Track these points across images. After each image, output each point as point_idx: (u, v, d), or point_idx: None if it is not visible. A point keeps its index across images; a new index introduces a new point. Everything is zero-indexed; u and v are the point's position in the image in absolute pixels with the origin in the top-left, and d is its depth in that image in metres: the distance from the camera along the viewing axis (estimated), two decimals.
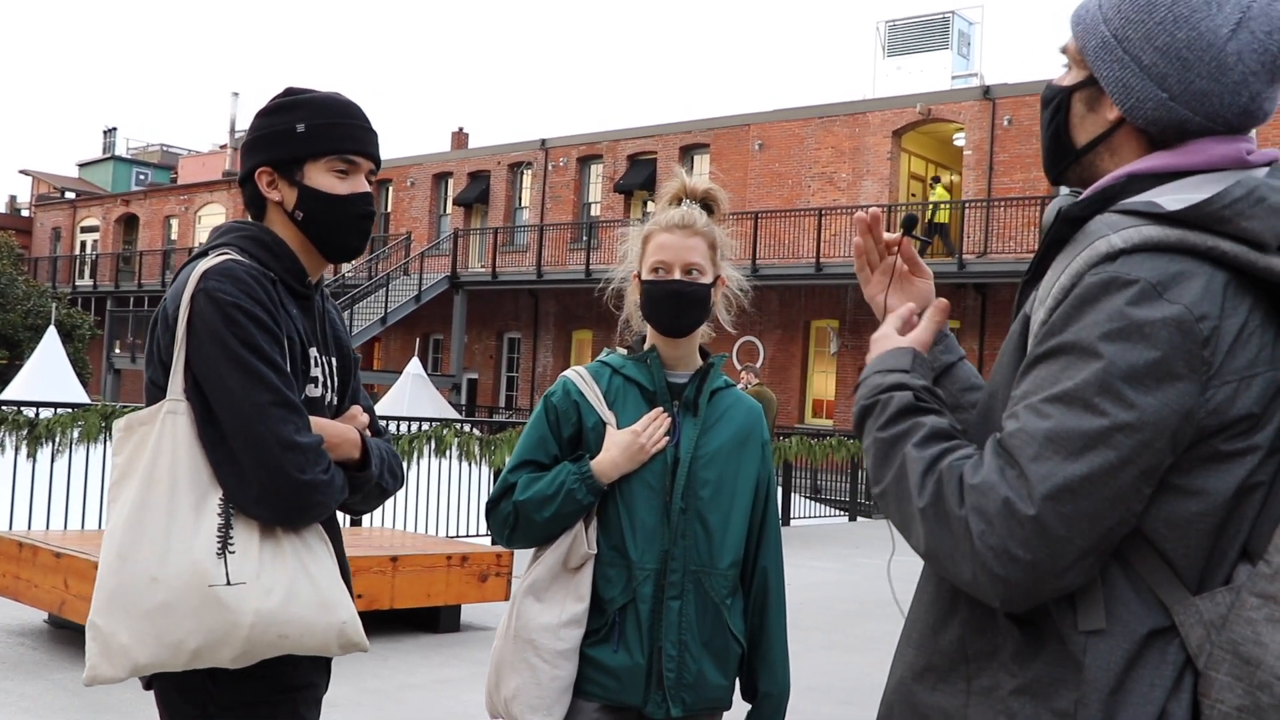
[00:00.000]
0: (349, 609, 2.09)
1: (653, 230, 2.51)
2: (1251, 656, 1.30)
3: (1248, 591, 1.33)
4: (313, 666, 2.16)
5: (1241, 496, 1.35)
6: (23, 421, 9.05)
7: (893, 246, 1.83)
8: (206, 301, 2.00)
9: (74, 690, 5.64)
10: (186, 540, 1.96)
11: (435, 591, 7.18)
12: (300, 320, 2.16)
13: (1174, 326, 1.30)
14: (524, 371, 32.05)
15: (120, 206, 45.89)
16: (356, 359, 2.40)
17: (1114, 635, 1.35)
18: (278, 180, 2.18)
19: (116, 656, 1.97)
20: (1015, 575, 1.31)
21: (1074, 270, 1.38)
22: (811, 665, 6.57)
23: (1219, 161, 1.44)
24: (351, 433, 2.18)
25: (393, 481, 2.27)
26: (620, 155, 30.63)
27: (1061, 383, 1.34)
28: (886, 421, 1.50)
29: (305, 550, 2.05)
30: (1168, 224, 1.37)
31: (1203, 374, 1.31)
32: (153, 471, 2.00)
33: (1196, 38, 1.41)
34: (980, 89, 24.96)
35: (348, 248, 2.23)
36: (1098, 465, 1.30)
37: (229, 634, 1.94)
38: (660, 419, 2.44)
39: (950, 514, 1.36)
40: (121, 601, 1.96)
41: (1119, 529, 1.33)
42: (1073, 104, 1.54)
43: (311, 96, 2.20)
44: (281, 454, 1.96)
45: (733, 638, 2.46)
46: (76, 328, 32.01)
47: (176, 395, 2.02)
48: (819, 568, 11.26)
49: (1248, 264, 1.34)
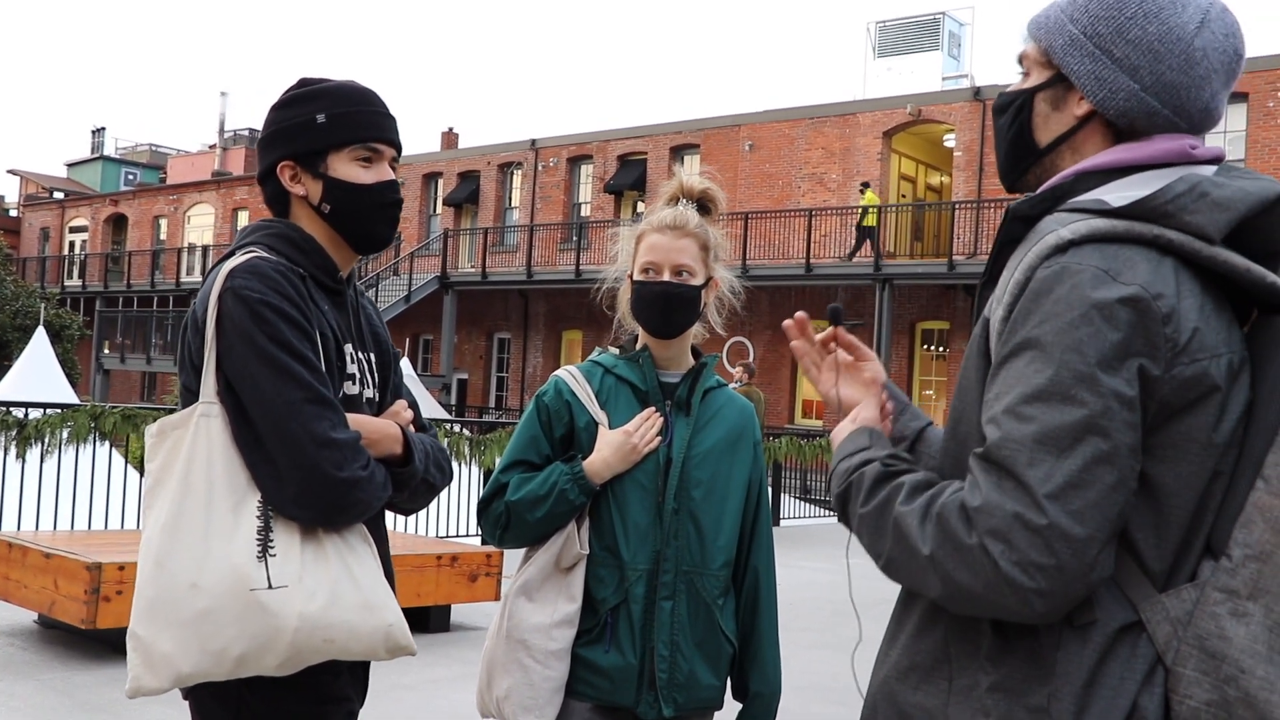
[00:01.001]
0: (395, 611, 2.02)
1: (645, 230, 2.51)
2: (1217, 651, 1.32)
3: (1211, 587, 1.34)
4: (351, 679, 2.11)
5: (1206, 487, 1.37)
6: (12, 422, 9.02)
7: (829, 343, 1.83)
8: (234, 300, 1.95)
9: (64, 690, 5.63)
10: (225, 544, 1.90)
11: (425, 591, 7.17)
12: (333, 316, 2.11)
13: (1131, 306, 1.33)
14: (514, 372, 32.03)
15: (109, 206, 45.75)
16: (397, 354, 2.33)
17: (1086, 630, 1.36)
18: (300, 173, 2.12)
19: (159, 666, 1.91)
20: (1046, 584, 1.31)
21: (1027, 264, 1.41)
22: (802, 665, 6.58)
23: (1164, 155, 1.48)
24: (392, 428, 2.12)
25: (440, 477, 2.19)
26: (610, 155, 30.63)
27: (1034, 380, 1.35)
28: (866, 496, 1.50)
29: (348, 551, 1.99)
30: (1114, 217, 1.40)
31: (1167, 350, 1.33)
32: (188, 476, 1.94)
33: (1166, 32, 1.46)
34: (971, 90, 25.02)
35: (378, 238, 2.17)
36: (1090, 455, 1.31)
37: (273, 639, 1.88)
38: (653, 419, 2.44)
39: (963, 546, 1.35)
40: (162, 610, 1.90)
41: (1125, 510, 1.34)
42: (1036, 104, 1.57)
43: (329, 85, 2.14)
44: (317, 451, 1.91)
45: (724, 638, 2.46)
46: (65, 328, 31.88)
47: (209, 398, 1.96)
48: (809, 568, 11.28)
49: (1192, 252, 1.38)
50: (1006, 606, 1.34)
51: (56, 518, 8.98)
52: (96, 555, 6.02)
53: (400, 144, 2.19)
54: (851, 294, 25.43)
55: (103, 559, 5.91)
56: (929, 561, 1.38)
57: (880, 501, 1.48)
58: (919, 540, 1.39)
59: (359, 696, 2.16)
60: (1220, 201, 1.39)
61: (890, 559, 1.46)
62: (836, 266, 24.08)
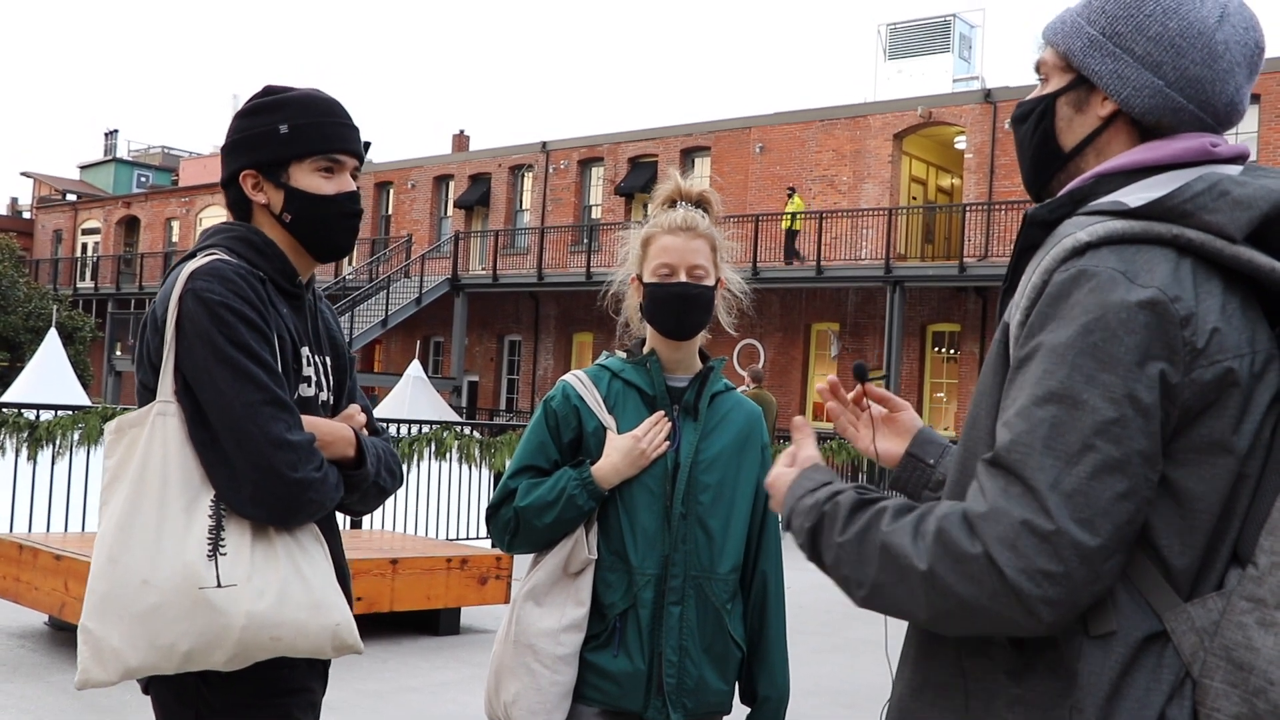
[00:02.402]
0: (343, 611, 2.07)
1: (654, 233, 2.50)
2: (1244, 662, 1.28)
3: (1238, 595, 1.31)
4: (309, 670, 2.15)
5: (1232, 493, 1.34)
6: (23, 424, 9.05)
7: (861, 400, 1.85)
8: (195, 301, 1.99)
9: (73, 693, 5.64)
10: (178, 542, 1.95)
11: (435, 594, 7.17)
12: (291, 319, 2.15)
13: (1149, 309, 1.30)
14: (524, 374, 32.04)
15: (121, 209, 45.88)
16: (352, 359, 2.38)
17: (1108, 641, 1.33)
18: (262, 182, 2.17)
19: (108, 660, 1.96)
20: (1053, 592, 1.28)
21: (1044, 268, 1.39)
22: (811, 669, 6.56)
23: (1184, 155, 1.45)
24: (345, 431, 2.16)
25: (391, 480, 2.24)
26: (621, 158, 30.63)
27: (1046, 383, 1.32)
28: (844, 525, 1.45)
29: (299, 551, 2.04)
30: (1132, 218, 1.38)
31: (1186, 354, 1.30)
32: (143, 474, 1.99)
33: (1187, 26, 1.45)
34: (981, 92, 24.96)
35: (337, 247, 2.22)
36: (1101, 461, 1.28)
37: (220, 636, 1.93)
38: (661, 423, 2.43)
39: (966, 556, 1.30)
40: (113, 605, 1.96)
41: (1137, 519, 1.31)
42: (1058, 109, 1.55)
43: (292, 95, 2.17)
44: (273, 452, 1.95)
45: (733, 643, 2.45)
46: (78, 330, 32.01)
47: (166, 397, 2.01)
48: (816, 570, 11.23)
49: (1214, 252, 1.35)
50: (1010, 618, 1.30)
51: (67, 520, 9.00)
52: None
53: (363, 154, 2.23)
54: (862, 296, 25.38)
55: None
56: (925, 578, 1.33)
57: (861, 528, 1.43)
58: (914, 557, 1.34)
59: (320, 687, 2.21)
60: (1241, 200, 1.36)
61: (876, 585, 1.40)
62: (848, 269, 24.03)
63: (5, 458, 8.95)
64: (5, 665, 6.13)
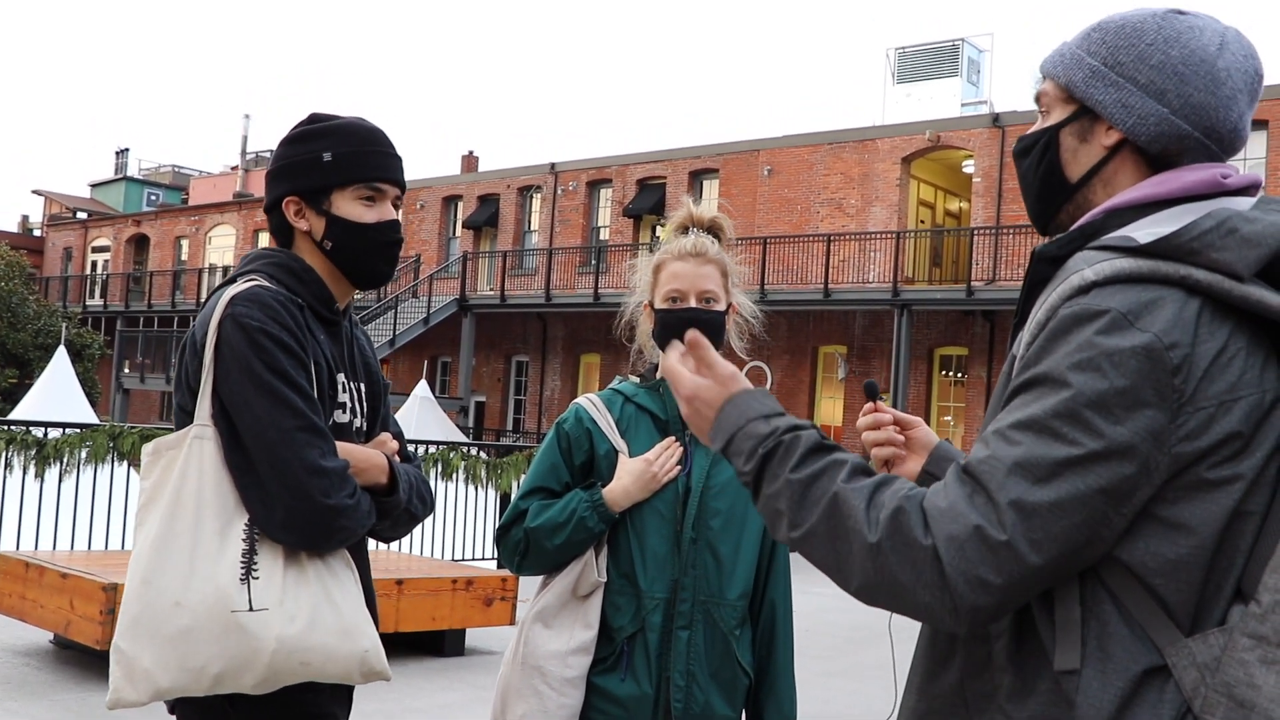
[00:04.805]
0: (372, 637, 2.08)
1: (665, 259, 2.51)
2: (1246, 699, 1.28)
3: (1240, 632, 1.30)
4: (333, 696, 2.15)
5: (1231, 529, 1.33)
6: (31, 441, 9.06)
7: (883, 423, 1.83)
8: (233, 327, 2.00)
9: (78, 711, 5.63)
10: (211, 565, 1.96)
11: (440, 615, 7.16)
12: (328, 346, 2.16)
13: (1143, 355, 1.30)
14: (532, 395, 32.05)
15: (131, 227, 46.08)
16: (387, 385, 2.39)
17: (1107, 673, 1.33)
18: (305, 209, 2.18)
19: (139, 680, 1.97)
20: (985, 600, 1.30)
21: (1049, 305, 1.39)
22: (816, 692, 6.54)
23: (1195, 187, 1.45)
24: (379, 458, 2.18)
25: (422, 507, 2.26)
26: (629, 180, 30.72)
27: (1030, 410, 1.34)
28: (799, 461, 1.44)
29: (330, 576, 2.05)
30: (1141, 256, 1.37)
31: (1174, 401, 1.30)
32: (179, 496, 2.00)
33: (1189, 54, 1.46)
34: (990, 116, 25.03)
35: (377, 275, 2.23)
36: (1066, 493, 1.29)
37: (251, 660, 1.94)
38: (673, 448, 2.44)
39: (914, 544, 1.32)
40: (145, 626, 1.96)
41: (1087, 553, 1.32)
42: (1062, 140, 1.55)
43: (337, 124, 2.19)
44: (306, 478, 1.97)
45: (740, 669, 2.45)
46: (86, 347, 32.06)
47: (204, 420, 2.02)
48: (825, 594, 11.19)
49: (1222, 293, 1.34)
50: (934, 612, 1.32)
51: (74, 538, 9.01)
52: (112, 576, 6.04)
53: (404, 183, 2.26)
54: (869, 319, 25.39)
55: (119, 579, 5.92)
56: (871, 550, 1.34)
57: (815, 471, 1.43)
58: (864, 525, 1.35)
59: (344, 712, 2.21)
60: (1250, 238, 1.35)
61: (811, 531, 1.40)
62: (855, 292, 24.06)
63: (13, 475, 8.96)
64: (10, 683, 6.12)
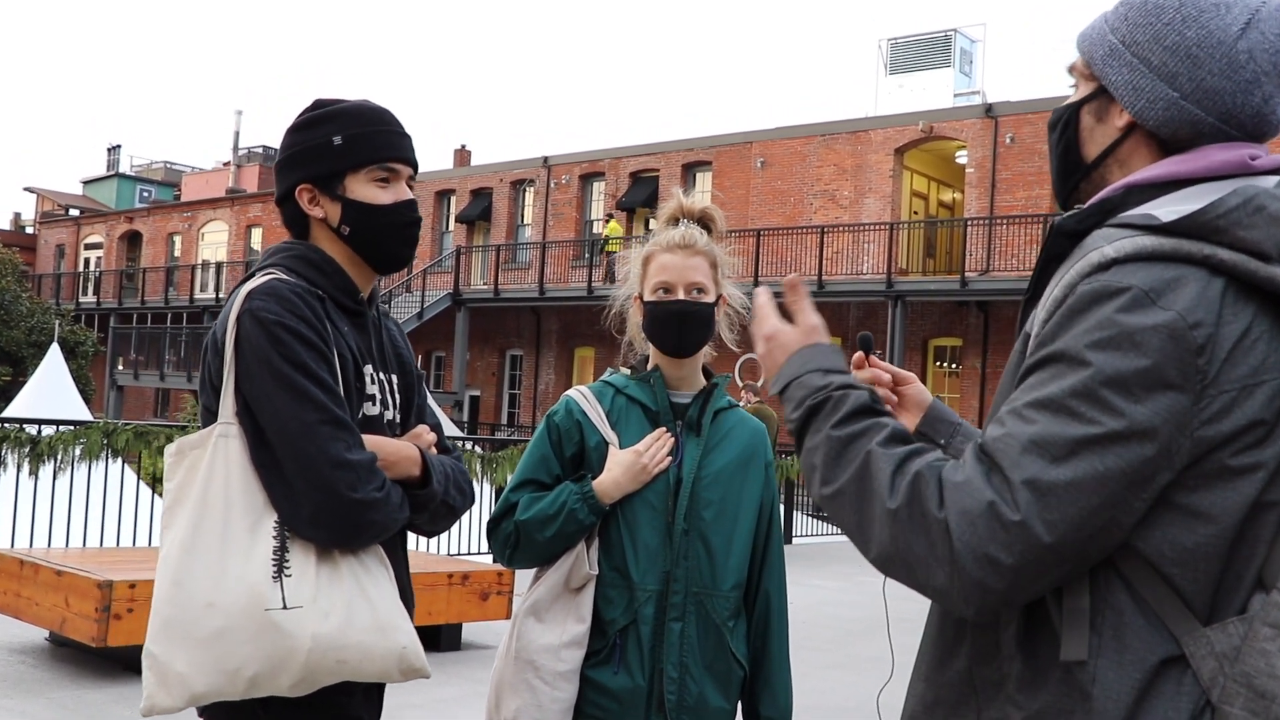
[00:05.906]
0: (409, 633, 2.02)
1: (654, 251, 2.50)
2: (1266, 690, 1.25)
3: (1260, 621, 1.28)
4: (366, 699, 2.11)
5: (1253, 519, 1.31)
6: (25, 439, 9.04)
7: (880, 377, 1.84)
8: (251, 322, 1.96)
9: (75, 709, 5.62)
10: (242, 564, 1.91)
11: (436, 610, 7.15)
12: (353, 337, 2.11)
13: (1165, 333, 1.26)
14: (526, 389, 32.04)
15: (124, 224, 45.98)
16: (420, 375, 2.34)
17: (1124, 664, 1.30)
18: (319, 196, 2.13)
19: (174, 685, 1.91)
20: (994, 580, 1.28)
21: (1067, 281, 1.36)
22: (813, 685, 6.54)
23: (1220, 168, 1.41)
24: (410, 449, 2.11)
25: (461, 500, 2.20)
26: (622, 173, 30.69)
27: (1047, 388, 1.31)
28: (843, 419, 1.44)
29: (363, 572, 1.99)
30: (1163, 234, 1.33)
31: (1197, 383, 1.27)
32: (206, 496, 1.95)
33: (1206, 36, 1.40)
34: (982, 107, 25.01)
35: (398, 258, 2.18)
36: (1083, 472, 1.27)
37: (286, 660, 1.89)
38: (663, 439, 2.43)
39: (928, 515, 1.31)
40: (178, 629, 1.91)
41: (1103, 538, 1.29)
42: (1081, 118, 1.52)
43: (344, 107, 2.15)
44: (331, 472, 1.92)
45: (735, 660, 2.44)
46: (80, 344, 32.03)
47: (228, 418, 1.98)
48: (822, 586, 11.22)
49: (1247, 273, 1.30)
50: (944, 590, 1.31)
51: (69, 535, 8.99)
52: (108, 573, 6.02)
53: (416, 162, 2.20)
54: (864, 311, 25.39)
55: (114, 577, 5.91)
56: (888, 516, 1.34)
57: (856, 431, 1.42)
58: (887, 490, 1.35)
59: (373, 718, 2.16)
60: (1278, 215, 1.31)
61: (841, 491, 1.40)
62: (849, 283, 24.05)
63: (7, 473, 8.94)
64: (6, 681, 6.11)
